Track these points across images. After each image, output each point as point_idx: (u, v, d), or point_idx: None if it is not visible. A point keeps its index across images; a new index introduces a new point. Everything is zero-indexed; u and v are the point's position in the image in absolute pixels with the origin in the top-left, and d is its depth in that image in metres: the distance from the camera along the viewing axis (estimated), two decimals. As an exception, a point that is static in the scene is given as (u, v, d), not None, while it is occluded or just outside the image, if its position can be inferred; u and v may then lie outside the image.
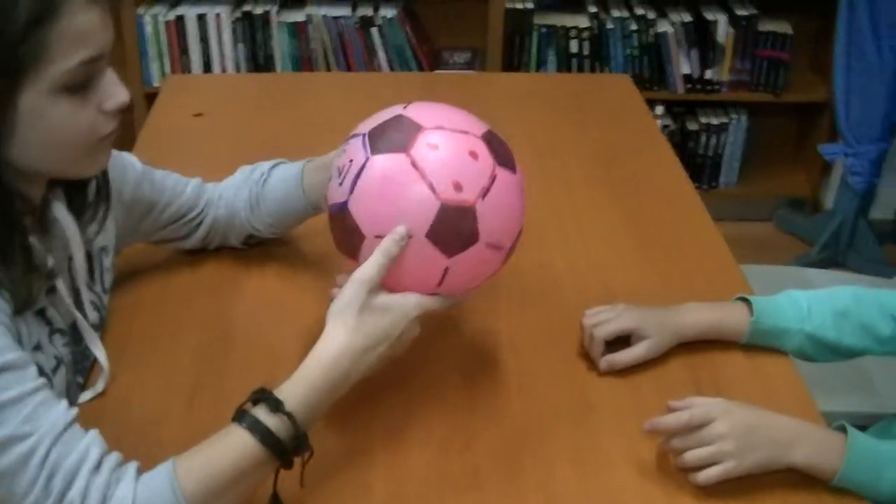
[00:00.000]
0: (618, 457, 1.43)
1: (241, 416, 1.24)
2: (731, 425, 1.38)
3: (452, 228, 1.32)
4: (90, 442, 1.19)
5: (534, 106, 2.49)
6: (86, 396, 1.48)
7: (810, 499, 1.38)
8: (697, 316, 1.64)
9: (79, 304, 1.46)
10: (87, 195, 1.46)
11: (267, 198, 1.71)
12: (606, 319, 1.61)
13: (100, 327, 1.53)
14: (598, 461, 1.42)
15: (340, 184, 1.36)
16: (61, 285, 1.39)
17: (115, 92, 1.27)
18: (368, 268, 1.31)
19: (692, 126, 3.98)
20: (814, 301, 1.66)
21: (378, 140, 1.35)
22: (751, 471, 1.37)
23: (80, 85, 1.22)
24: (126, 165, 1.62)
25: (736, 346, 1.64)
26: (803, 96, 3.99)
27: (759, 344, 1.65)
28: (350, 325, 1.30)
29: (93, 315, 1.50)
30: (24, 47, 1.15)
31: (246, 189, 1.73)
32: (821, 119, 4.02)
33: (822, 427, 1.45)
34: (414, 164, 1.31)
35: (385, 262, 1.31)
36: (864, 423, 1.83)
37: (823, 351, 1.66)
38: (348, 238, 1.37)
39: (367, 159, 1.34)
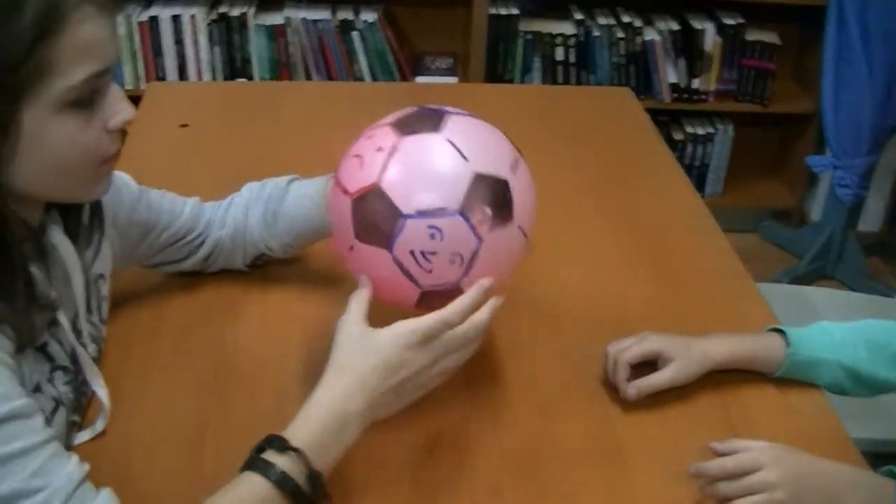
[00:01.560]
0: (656, 502, 1.35)
1: (250, 462, 1.17)
2: (781, 474, 1.31)
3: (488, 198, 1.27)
4: (106, 501, 1.09)
5: (529, 118, 2.41)
6: (84, 437, 1.38)
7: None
8: (730, 343, 1.57)
9: (78, 336, 1.35)
10: (81, 219, 1.36)
11: (285, 215, 1.62)
12: (631, 345, 1.54)
13: (98, 361, 1.43)
14: (634, 506, 1.35)
15: (361, 167, 1.30)
16: (62, 317, 1.29)
17: (120, 108, 1.18)
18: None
19: (677, 136, 3.92)
20: (847, 333, 1.60)
21: (406, 125, 1.32)
22: None
23: (85, 101, 1.13)
24: (121, 186, 1.51)
25: (766, 380, 1.57)
26: (788, 107, 3.95)
27: (793, 377, 1.58)
28: (359, 363, 1.23)
29: (91, 347, 1.40)
30: (28, 64, 1.05)
31: (259, 206, 1.64)
32: (805, 130, 3.97)
33: (870, 473, 1.38)
34: (448, 141, 1.29)
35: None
36: (889, 451, 1.78)
37: (858, 384, 1.60)
38: (378, 222, 1.28)
39: (399, 140, 1.30)
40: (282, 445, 1.17)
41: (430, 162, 1.29)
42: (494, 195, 1.28)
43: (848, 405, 1.61)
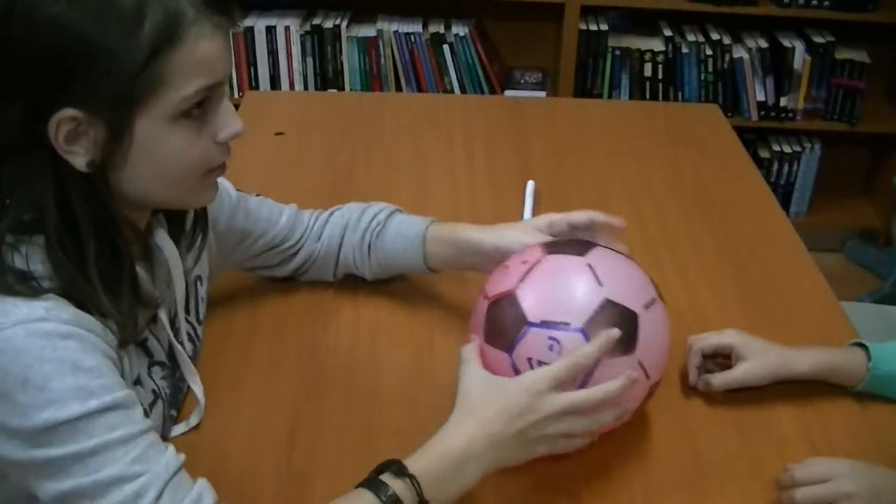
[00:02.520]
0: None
1: (366, 481, 1.21)
2: (859, 485, 1.32)
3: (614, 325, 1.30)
4: (202, 489, 1.15)
5: (617, 134, 2.44)
6: (179, 430, 1.44)
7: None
8: (812, 355, 1.57)
9: (176, 334, 1.41)
10: (184, 223, 1.41)
11: (381, 250, 1.69)
12: (708, 335, 1.58)
13: (194, 359, 1.49)
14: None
15: (504, 275, 1.38)
16: (163, 315, 1.35)
17: (229, 122, 1.23)
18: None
19: (764, 154, 3.91)
20: None
21: (554, 246, 1.41)
22: None
23: (196, 113, 1.18)
24: (221, 192, 1.57)
25: (847, 394, 1.58)
26: (878, 127, 3.91)
27: (874, 392, 1.58)
28: (491, 408, 1.26)
29: (188, 346, 1.46)
30: (144, 75, 1.10)
31: (358, 233, 1.69)
32: (894, 151, 3.93)
33: None
34: (588, 265, 1.35)
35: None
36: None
37: None
38: (505, 327, 1.33)
39: (544, 257, 1.38)
40: (399, 470, 1.20)
41: (566, 279, 1.35)
42: (621, 324, 1.30)
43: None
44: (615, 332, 1.28)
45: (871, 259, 4.00)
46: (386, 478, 1.20)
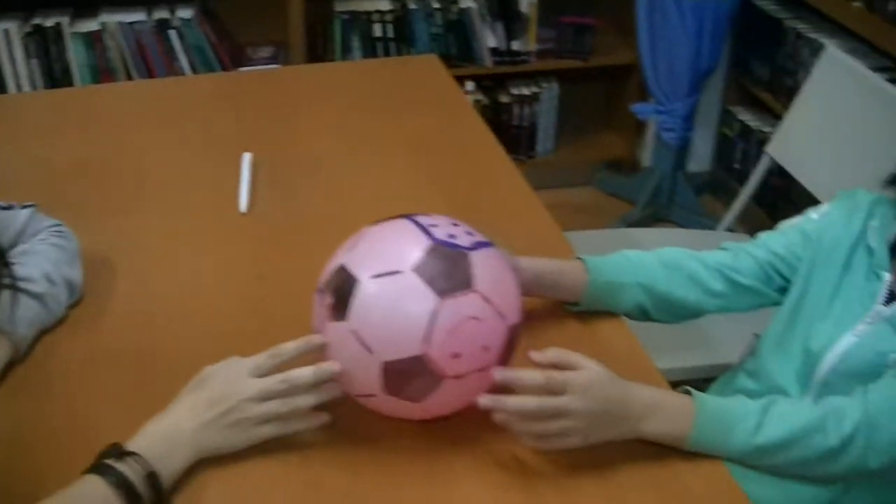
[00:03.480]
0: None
1: (91, 467, 1.23)
2: (586, 405, 1.33)
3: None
4: None
5: (341, 96, 2.43)
6: None
7: (665, 462, 1.38)
8: (536, 262, 1.59)
9: None
10: None
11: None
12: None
13: None
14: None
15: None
16: None
17: None
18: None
19: (504, 98, 3.98)
20: (644, 256, 1.68)
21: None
22: (594, 444, 1.35)
23: None
24: None
25: (569, 315, 1.63)
26: (610, 59, 4.03)
27: (596, 304, 1.64)
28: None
29: None
30: None
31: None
32: (629, 80, 4.06)
33: (673, 395, 1.43)
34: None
35: None
36: (707, 376, 1.85)
37: (659, 306, 1.67)
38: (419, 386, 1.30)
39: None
40: (119, 453, 1.24)
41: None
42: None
43: (669, 338, 1.66)
44: (318, 339, 1.33)
45: (620, 186, 4.12)
46: (110, 461, 1.22)
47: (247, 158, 2.06)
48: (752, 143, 3.80)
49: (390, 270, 1.29)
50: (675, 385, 1.47)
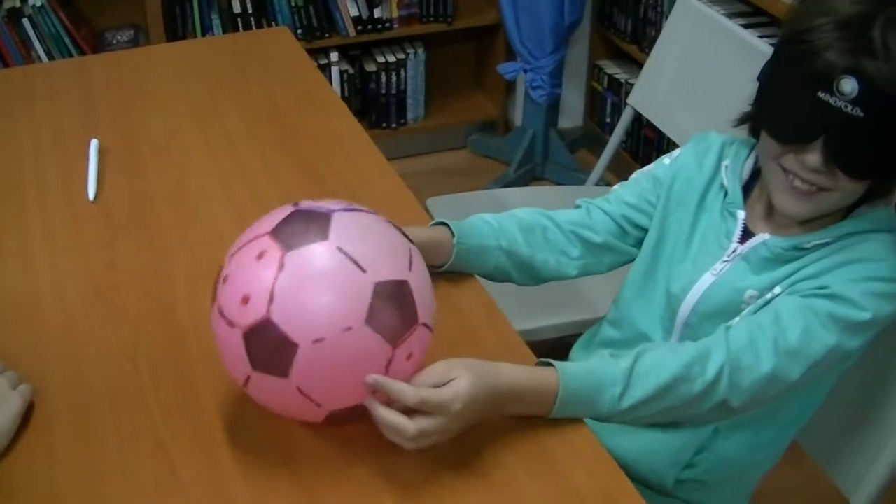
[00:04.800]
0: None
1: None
2: (458, 420, 1.29)
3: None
4: None
5: (193, 74, 2.37)
6: None
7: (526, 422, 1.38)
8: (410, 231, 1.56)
9: None
10: None
11: None
12: None
13: None
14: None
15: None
16: None
17: None
18: None
19: (370, 67, 3.93)
20: (502, 220, 1.67)
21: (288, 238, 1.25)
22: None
23: None
24: None
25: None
26: (474, 20, 4.00)
27: (461, 267, 1.62)
28: None
29: None
30: None
31: None
32: (495, 40, 4.05)
33: (536, 374, 1.38)
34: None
35: None
36: (581, 332, 1.85)
37: (521, 268, 1.67)
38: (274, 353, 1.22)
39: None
40: None
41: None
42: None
43: (542, 297, 1.65)
44: None
45: (494, 148, 4.12)
46: None
47: (94, 145, 2.00)
48: (622, 95, 3.81)
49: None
50: (549, 345, 1.46)
